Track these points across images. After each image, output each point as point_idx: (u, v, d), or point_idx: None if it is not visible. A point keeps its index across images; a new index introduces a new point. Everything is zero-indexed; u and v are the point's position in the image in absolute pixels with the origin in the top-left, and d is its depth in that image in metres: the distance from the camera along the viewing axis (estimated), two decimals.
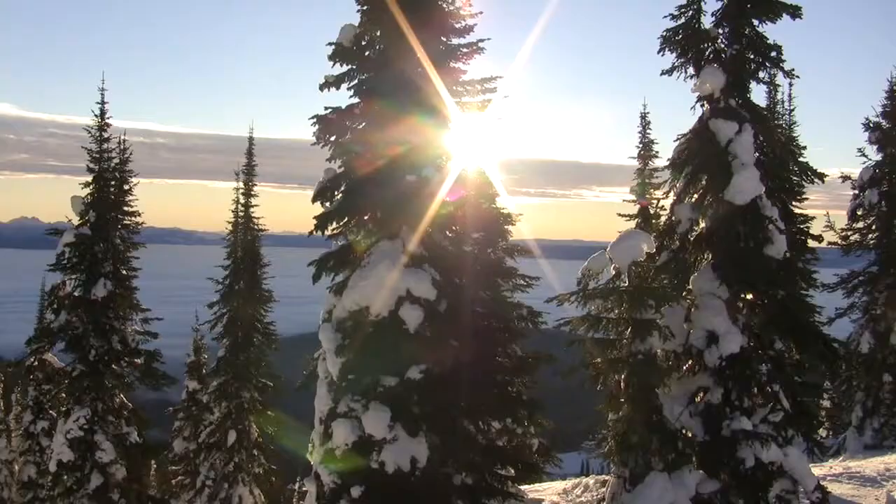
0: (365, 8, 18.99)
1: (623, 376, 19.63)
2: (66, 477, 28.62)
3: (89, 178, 29.18)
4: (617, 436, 19.73)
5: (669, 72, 21.65)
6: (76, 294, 28.77)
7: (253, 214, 39.21)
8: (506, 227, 20.04)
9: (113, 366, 28.93)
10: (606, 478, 23.32)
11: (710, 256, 20.82)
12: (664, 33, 21.44)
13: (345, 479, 17.71)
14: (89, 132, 29.23)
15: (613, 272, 19.35)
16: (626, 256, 19.04)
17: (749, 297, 20.44)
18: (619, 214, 25.10)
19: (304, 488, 23.35)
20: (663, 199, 22.90)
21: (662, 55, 21.63)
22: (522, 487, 21.24)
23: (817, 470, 23.36)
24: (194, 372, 40.37)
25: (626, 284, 19.21)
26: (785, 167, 24.10)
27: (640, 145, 24.92)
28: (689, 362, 20.44)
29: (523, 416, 19.97)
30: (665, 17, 21.50)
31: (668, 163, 21.73)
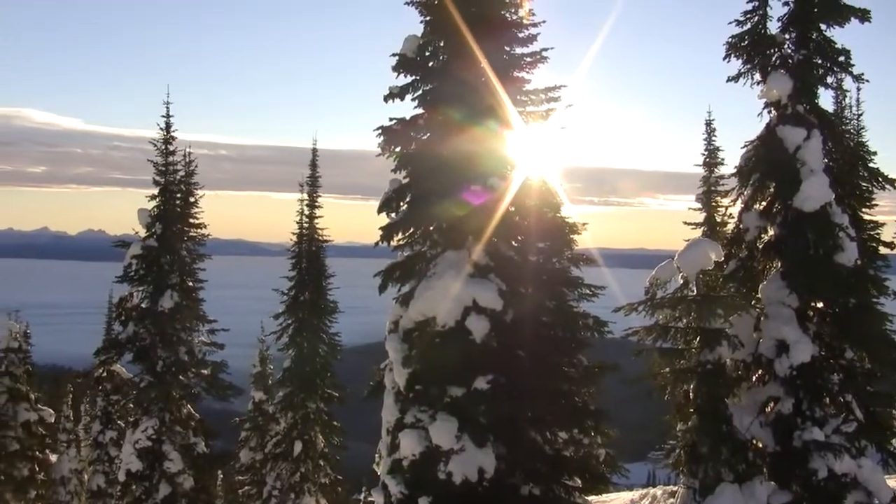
0: (428, 18, 19.02)
1: (691, 386, 19.45)
2: (134, 486, 28.84)
3: (155, 191, 29.44)
4: (686, 446, 19.54)
5: (735, 78, 21.46)
6: (143, 305, 29.03)
7: (317, 225, 39.30)
8: (571, 236, 19.90)
9: (180, 376, 29.14)
10: (675, 488, 23.12)
11: (779, 264, 20.58)
12: (730, 39, 21.25)
13: (412, 489, 17.69)
14: (155, 145, 29.51)
15: (681, 281, 19.19)
16: (694, 265, 18.87)
17: (819, 305, 20.17)
18: (685, 223, 24.85)
19: (370, 499, 23.36)
20: (730, 206, 22.65)
21: (728, 61, 21.44)
22: (589, 498, 21.11)
23: (892, 482, 22.92)
24: (260, 382, 40.58)
25: (695, 293, 19.03)
26: (854, 173, 23.74)
27: (706, 153, 24.60)
28: (759, 372, 20.21)
29: (590, 426, 19.80)
30: (730, 23, 21.32)
31: (734, 170, 21.52)
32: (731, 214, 22.92)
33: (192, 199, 30.15)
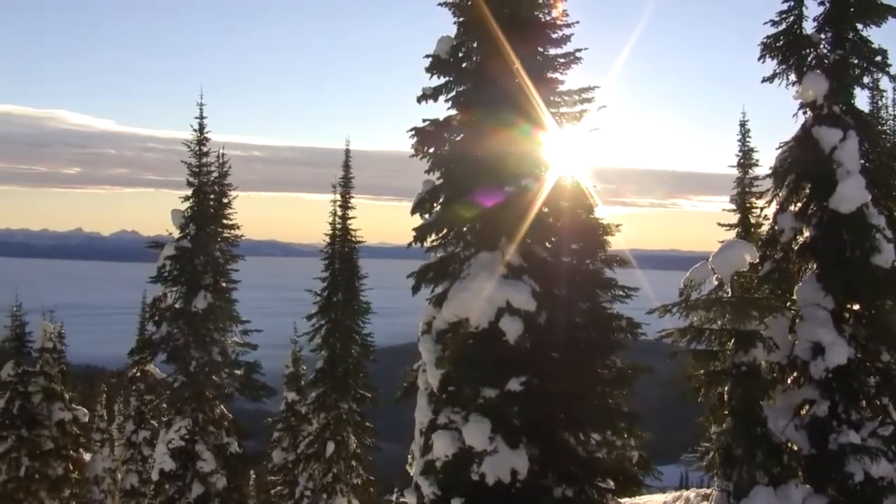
0: (462, 19, 19.02)
1: (726, 388, 19.36)
2: (167, 486, 28.97)
3: (189, 192, 29.54)
4: (720, 449, 19.44)
5: (771, 79, 21.33)
6: (177, 306, 29.14)
7: (350, 226, 39.36)
8: (604, 237, 19.84)
9: (213, 377, 29.23)
10: (708, 491, 23.00)
11: (815, 266, 20.44)
12: (765, 40, 21.13)
13: (445, 490, 17.69)
14: (188, 146, 29.60)
15: (716, 283, 19.09)
16: (728, 266, 18.78)
17: (855, 307, 20.02)
18: (719, 224, 24.70)
19: (402, 499, 23.35)
20: (765, 207, 22.51)
21: (763, 62, 21.31)
22: (622, 500, 21.03)
23: None
24: (293, 383, 40.60)
25: (729, 295, 18.93)
26: (891, 174, 23.46)
27: (740, 153, 24.44)
28: (794, 374, 20.09)
29: (623, 428, 19.72)
30: (765, 23, 21.20)
31: (769, 171, 21.39)
32: (765, 216, 22.79)
33: (225, 200, 30.21)
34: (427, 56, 18.90)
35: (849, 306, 19.95)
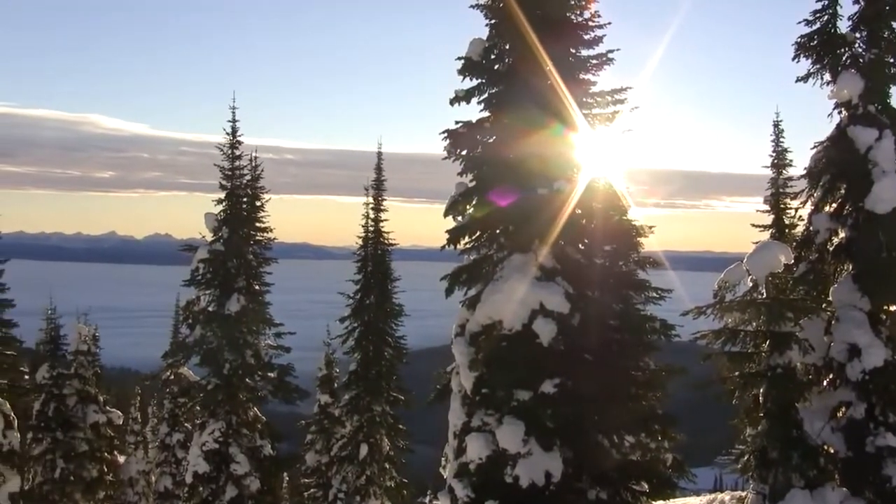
0: (493, 22, 19.04)
1: (761, 390, 19.21)
2: (201, 488, 29.04)
3: (222, 195, 29.56)
4: (755, 451, 19.30)
5: (805, 78, 21.17)
6: (210, 309, 29.18)
7: (383, 229, 39.36)
8: (637, 239, 19.77)
9: (246, 379, 29.27)
10: (743, 494, 22.81)
11: (851, 267, 20.26)
12: (798, 39, 20.97)
13: (479, 493, 17.69)
14: (221, 150, 29.63)
15: (750, 284, 18.96)
16: (763, 268, 18.64)
17: (892, 308, 19.81)
18: (753, 225, 24.57)
19: (436, 502, 23.32)
20: (800, 208, 22.35)
21: (797, 61, 21.15)
22: (656, 503, 20.92)
23: None
24: (326, 386, 40.61)
25: (764, 296, 18.80)
26: None
27: (774, 154, 24.30)
28: (830, 376, 19.91)
29: (657, 430, 19.65)
30: (799, 22, 21.04)
31: (804, 172, 21.23)
32: (800, 216, 22.63)
33: (257, 203, 30.23)
34: (459, 58, 18.93)
35: (885, 307, 19.75)
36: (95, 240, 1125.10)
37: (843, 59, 20.74)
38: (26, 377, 36.95)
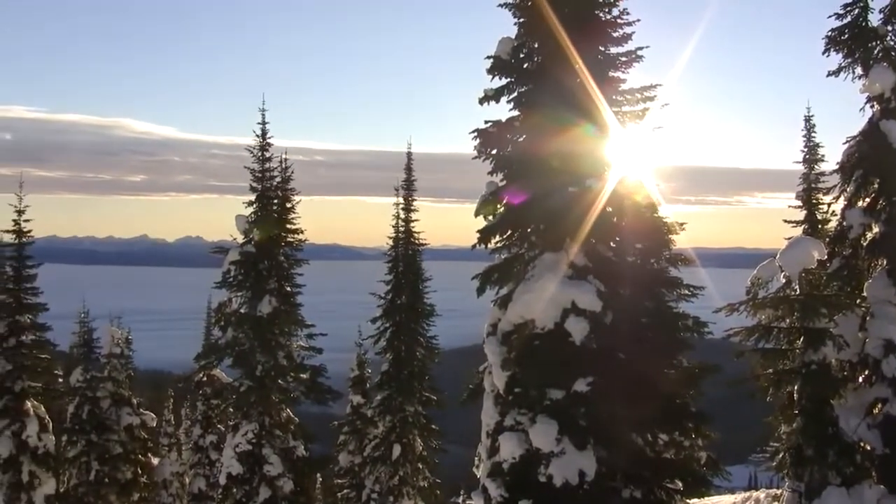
0: (522, 20, 19.01)
1: (795, 387, 19.14)
2: (235, 490, 29.10)
3: (252, 197, 29.58)
4: (790, 449, 19.23)
5: (836, 73, 21.07)
6: (242, 311, 29.22)
7: (413, 229, 39.37)
8: (668, 236, 19.70)
9: (279, 381, 29.29)
10: (778, 492, 22.76)
11: (885, 262, 20.16)
12: (829, 33, 20.87)
13: (512, 492, 17.66)
14: (251, 152, 29.68)
15: (784, 280, 18.90)
16: (796, 264, 18.57)
17: None
18: (785, 221, 24.50)
19: (469, 502, 23.31)
20: (832, 203, 22.25)
21: (828, 56, 21.07)
22: (690, 501, 20.83)
23: None
24: (358, 386, 40.64)
25: (798, 293, 18.71)
26: None
27: (805, 149, 24.23)
28: (866, 372, 19.82)
29: (690, 428, 19.56)
30: (830, 16, 20.95)
31: (836, 166, 21.13)
32: (833, 212, 22.58)
33: (288, 205, 30.23)
34: (488, 57, 18.92)
35: None
36: (127, 243, 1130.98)
37: (875, 52, 20.65)
38: (60, 380, 37.28)
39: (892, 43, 20.47)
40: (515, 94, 19.02)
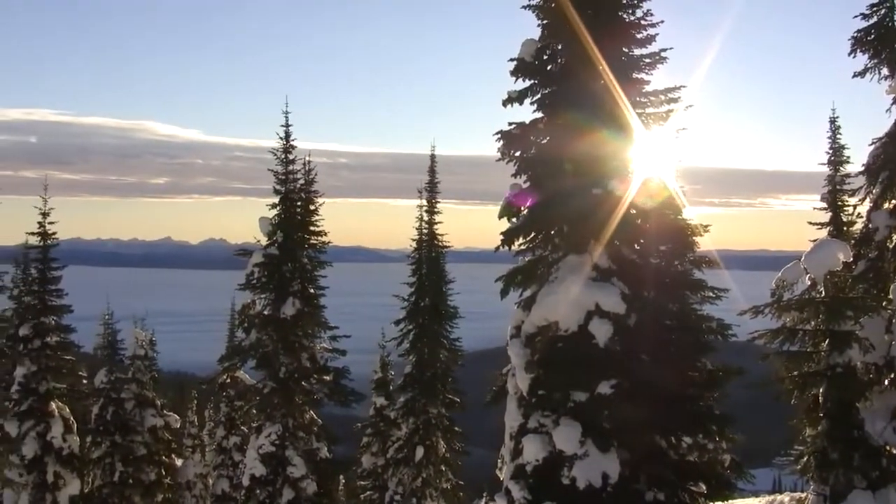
0: (545, 22, 19.00)
1: (820, 390, 19.05)
2: (258, 491, 29.16)
3: (276, 200, 29.63)
4: (815, 452, 19.14)
5: (862, 73, 20.98)
6: (266, 313, 29.28)
7: (437, 231, 39.37)
8: (692, 238, 19.63)
9: (302, 382, 29.33)
10: (802, 495, 22.65)
11: None
12: (855, 34, 20.78)
13: (535, 495, 17.64)
14: (275, 154, 29.71)
15: (809, 282, 18.81)
16: (821, 266, 18.48)
17: None
18: (810, 223, 24.33)
19: (491, 503, 23.28)
20: (858, 205, 22.12)
21: (854, 56, 20.97)
22: None
23: None
24: (382, 388, 40.65)
25: (823, 295, 18.62)
26: None
27: (830, 151, 24.07)
28: (892, 375, 19.70)
29: (714, 431, 19.49)
30: (856, 17, 20.86)
31: (862, 168, 21.01)
32: (858, 214, 22.44)
33: (311, 207, 30.26)
34: (512, 59, 18.92)
35: None
36: (151, 245, 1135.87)
37: None
38: (85, 382, 37.50)
39: None
40: (539, 95, 19.01)
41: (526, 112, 19.23)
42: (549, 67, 19.13)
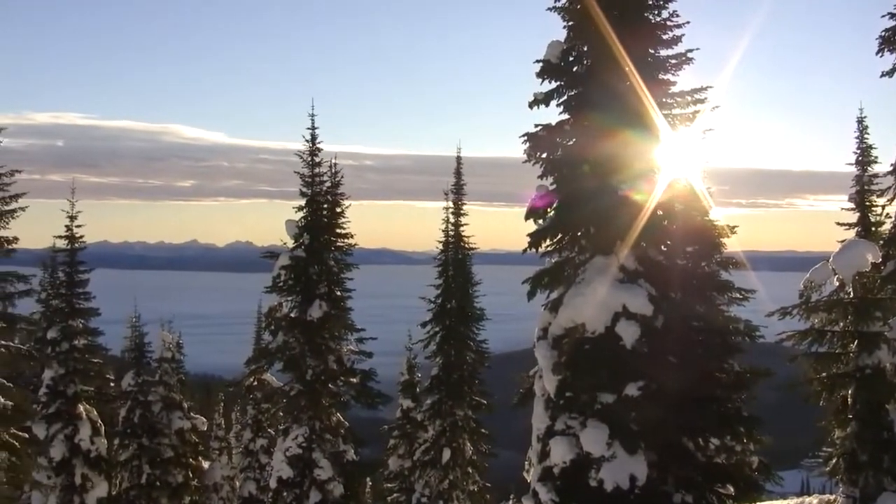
0: (571, 23, 18.99)
1: (849, 392, 18.95)
2: (285, 493, 29.19)
3: (302, 202, 29.64)
4: (844, 454, 19.05)
5: (890, 73, 20.89)
6: (292, 315, 29.30)
7: (463, 233, 39.39)
8: (719, 239, 19.57)
9: (329, 385, 29.36)
10: (832, 497, 22.55)
11: None
12: (883, 33, 20.68)
13: (563, 497, 17.62)
14: (301, 157, 29.74)
15: (837, 283, 18.72)
16: (850, 267, 18.40)
17: None
18: (838, 223, 24.20)
19: None
20: (887, 205, 21.99)
21: (881, 56, 20.88)
22: None
23: None
24: (408, 390, 40.63)
25: (851, 296, 18.53)
26: None
27: (858, 150, 23.95)
28: None
29: (742, 433, 19.42)
30: (883, 16, 20.73)
31: (890, 168, 20.91)
32: (887, 214, 22.33)
33: (338, 210, 30.27)
34: (537, 61, 18.91)
35: None
36: (177, 248, 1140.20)
37: None
38: (112, 384, 37.67)
39: None
40: (565, 97, 19.02)
41: (552, 114, 19.25)
42: (574, 69, 19.13)
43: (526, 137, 18.88)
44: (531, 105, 19.01)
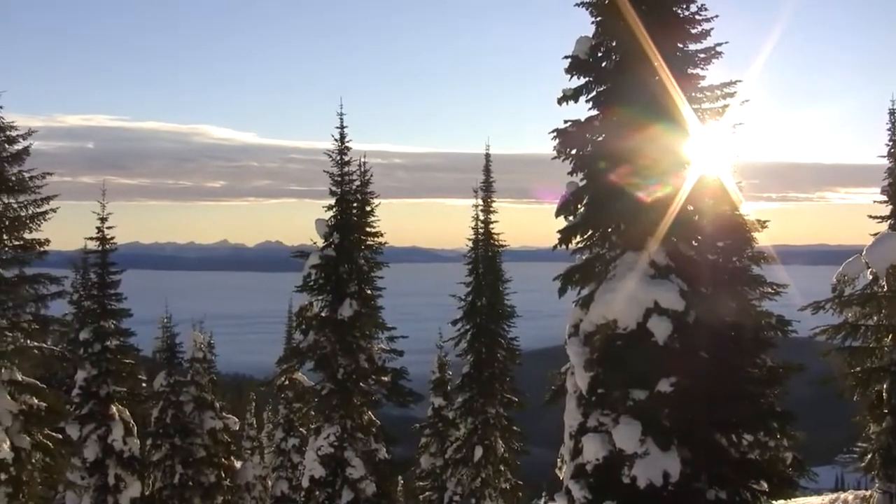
0: (599, 19, 18.93)
1: (884, 386, 18.81)
2: (317, 492, 29.24)
3: (332, 201, 29.68)
4: (880, 449, 18.91)
5: None
6: (323, 314, 29.35)
7: (493, 230, 39.34)
8: (749, 234, 19.45)
9: (360, 384, 29.38)
10: (867, 493, 22.37)
11: None
12: None
13: (596, 494, 17.58)
14: (330, 156, 29.78)
15: (871, 277, 18.58)
16: (883, 260, 18.26)
17: None
18: (870, 216, 23.98)
19: (551, 503, 23.21)
20: None
21: None
22: (776, 503, 20.57)
23: None
24: (440, 388, 40.60)
25: (885, 289, 18.38)
26: None
27: (890, 143, 23.75)
28: None
29: (775, 429, 19.31)
30: None
31: None
32: None
33: (367, 209, 30.29)
34: (566, 57, 18.86)
35: None
36: (208, 248, 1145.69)
37: None
38: (144, 385, 37.89)
39: None
40: (594, 93, 18.97)
41: (581, 110, 19.21)
42: (603, 64, 19.08)
43: (555, 134, 18.85)
44: (560, 101, 18.98)
